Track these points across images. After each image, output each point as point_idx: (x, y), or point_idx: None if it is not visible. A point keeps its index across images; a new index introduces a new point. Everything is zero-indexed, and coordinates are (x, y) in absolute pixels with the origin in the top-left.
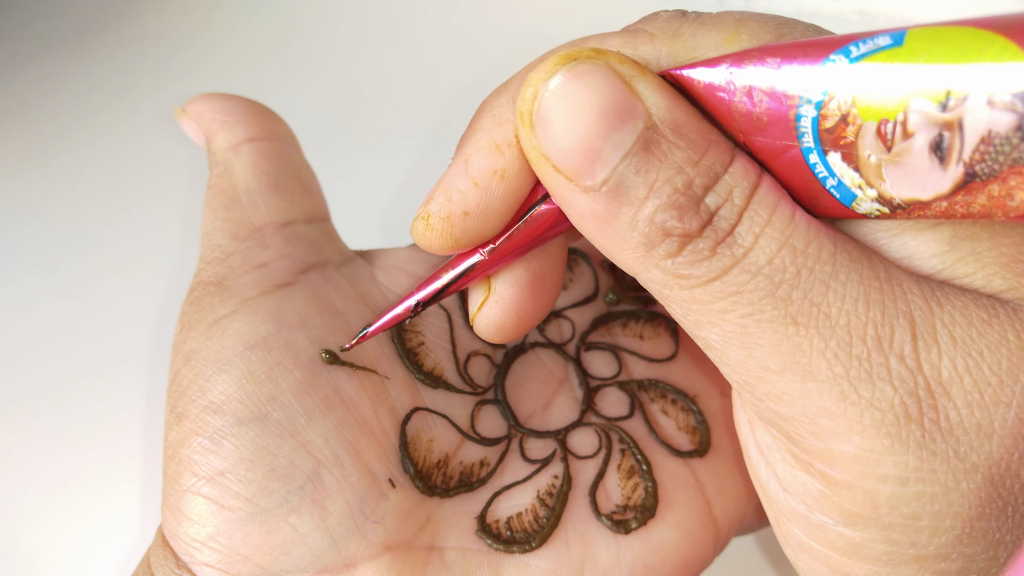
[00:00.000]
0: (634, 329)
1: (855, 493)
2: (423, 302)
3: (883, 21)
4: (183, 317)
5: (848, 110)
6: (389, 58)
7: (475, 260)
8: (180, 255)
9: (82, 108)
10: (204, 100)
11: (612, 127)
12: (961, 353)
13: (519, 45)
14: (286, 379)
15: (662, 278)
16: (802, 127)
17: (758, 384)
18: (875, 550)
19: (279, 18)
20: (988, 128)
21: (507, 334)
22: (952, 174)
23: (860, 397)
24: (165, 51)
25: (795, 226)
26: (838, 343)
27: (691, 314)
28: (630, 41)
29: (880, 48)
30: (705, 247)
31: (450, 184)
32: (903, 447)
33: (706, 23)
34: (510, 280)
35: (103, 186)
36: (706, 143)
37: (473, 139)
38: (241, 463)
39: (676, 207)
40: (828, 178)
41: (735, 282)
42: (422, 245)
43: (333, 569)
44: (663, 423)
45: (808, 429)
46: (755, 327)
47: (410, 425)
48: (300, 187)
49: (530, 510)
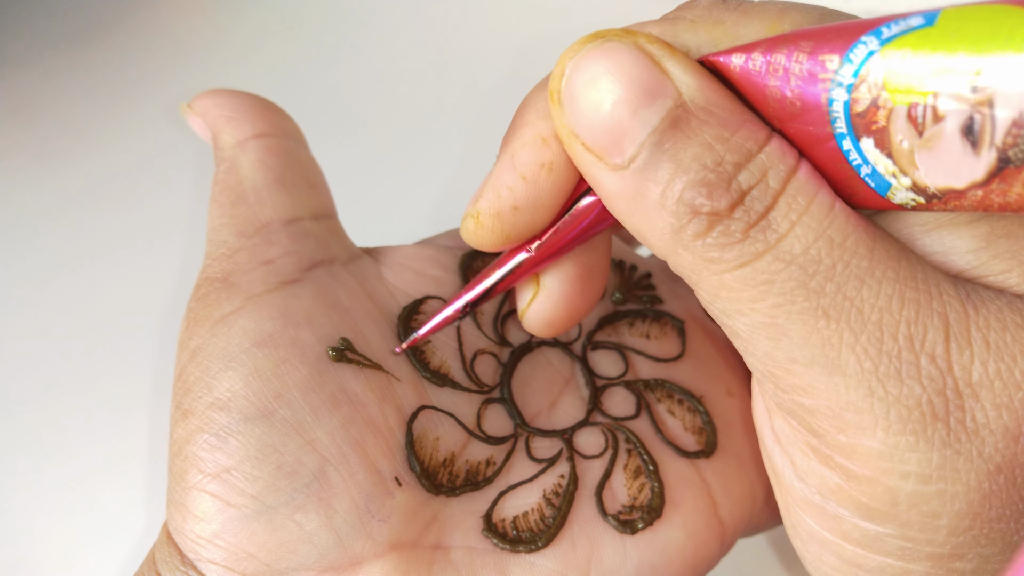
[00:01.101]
0: (641, 328)
1: (875, 488)
2: (472, 303)
3: None
4: (189, 313)
5: (878, 93)
6: (397, 55)
7: (522, 257)
8: (186, 251)
9: (89, 104)
10: (211, 96)
11: (640, 104)
12: (994, 357)
13: (529, 43)
14: (292, 376)
15: (691, 262)
16: (834, 112)
17: (784, 376)
18: (890, 544)
19: (286, 15)
20: (1020, 109)
21: (557, 328)
22: (985, 159)
23: (888, 393)
24: (172, 48)
25: (834, 217)
26: (868, 339)
27: (719, 301)
28: (670, 29)
29: (911, 28)
30: (737, 229)
31: (498, 180)
32: (928, 444)
33: (748, 11)
34: (558, 275)
35: (110, 182)
36: (739, 122)
37: (518, 134)
38: (247, 460)
39: (705, 184)
40: (863, 166)
41: (767, 270)
42: (473, 243)
43: (339, 567)
44: (669, 423)
45: (832, 423)
46: (785, 318)
47: (416, 423)
48: (307, 183)
49: (536, 509)
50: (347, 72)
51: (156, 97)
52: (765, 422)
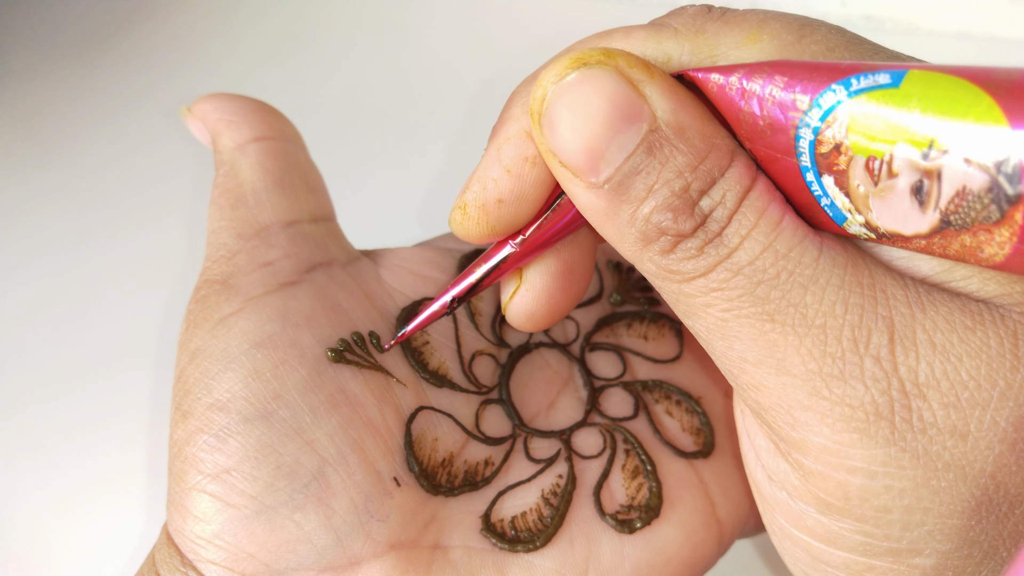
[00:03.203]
0: (638, 330)
1: (828, 483)
2: (458, 297)
3: (890, 27)
4: (189, 315)
5: (842, 140)
6: (394, 61)
7: (507, 252)
8: (186, 254)
9: (90, 109)
10: (210, 100)
11: (617, 129)
12: (940, 357)
13: (529, 48)
14: (292, 377)
15: (655, 271)
16: (800, 147)
17: (739, 374)
18: (851, 540)
19: (285, 21)
20: (963, 184)
21: (539, 322)
22: (930, 218)
23: (832, 393)
24: (172, 54)
25: (781, 231)
26: (813, 341)
27: (679, 304)
28: (655, 35)
29: (878, 86)
30: (694, 246)
31: (484, 173)
32: (872, 442)
33: (729, 21)
34: (541, 270)
35: (110, 186)
36: (708, 147)
37: (504, 128)
38: (246, 461)
39: (672, 209)
40: (822, 197)
41: (717, 279)
42: (460, 234)
43: (338, 567)
44: (667, 424)
45: (784, 419)
46: (735, 321)
47: (415, 424)
48: (305, 186)
49: (534, 509)
50: (345, 77)
51: (156, 102)
52: (741, 425)
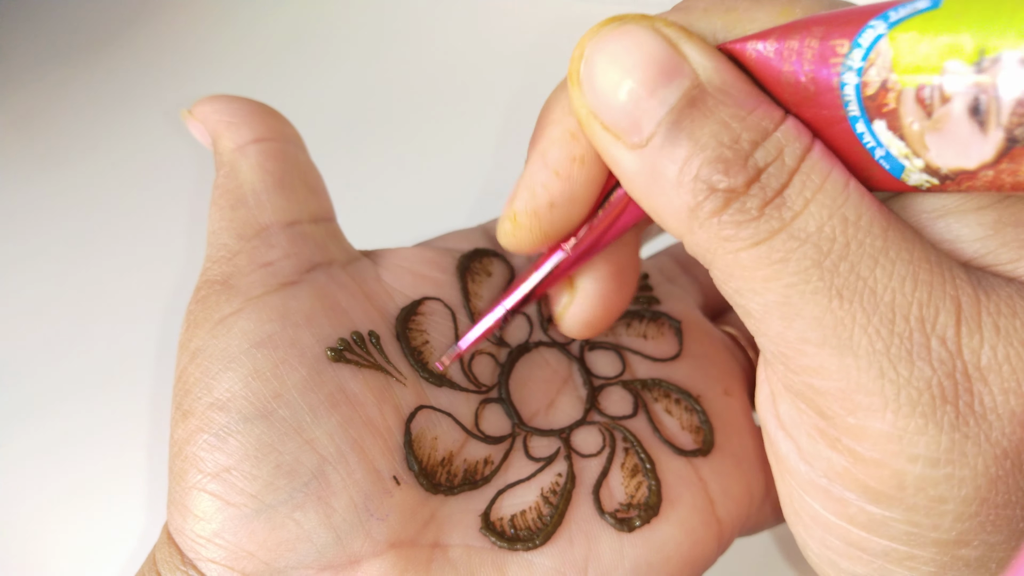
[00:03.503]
0: (638, 329)
1: (883, 472)
2: (512, 310)
3: None
4: (189, 316)
5: (888, 75)
6: (396, 61)
7: (559, 258)
8: (186, 255)
9: (91, 111)
10: (210, 102)
11: (657, 83)
12: (1003, 342)
13: (533, 54)
14: (292, 377)
15: (707, 240)
16: (847, 95)
17: (795, 356)
18: (896, 529)
19: (285, 23)
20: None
21: (596, 328)
22: (993, 139)
23: (899, 375)
24: (172, 55)
25: (848, 195)
26: (881, 319)
27: (733, 280)
28: (684, 17)
29: (918, 11)
30: (752, 206)
31: (532, 179)
32: (937, 428)
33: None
34: (592, 275)
35: (111, 187)
36: (755, 102)
37: (546, 132)
38: (246, 460)
39: (722, 161)
40: (876, 148)
41: (782, 248)
42: (512, 246)
43: (338, 566)
44: (667, 422)
45: (842, 404)
46: (799, 297)
47: (415, 423)
48: (306, 187)
49: (534, 508)
50: (346, 78)
51: (157, 104)
52: (769, 408)
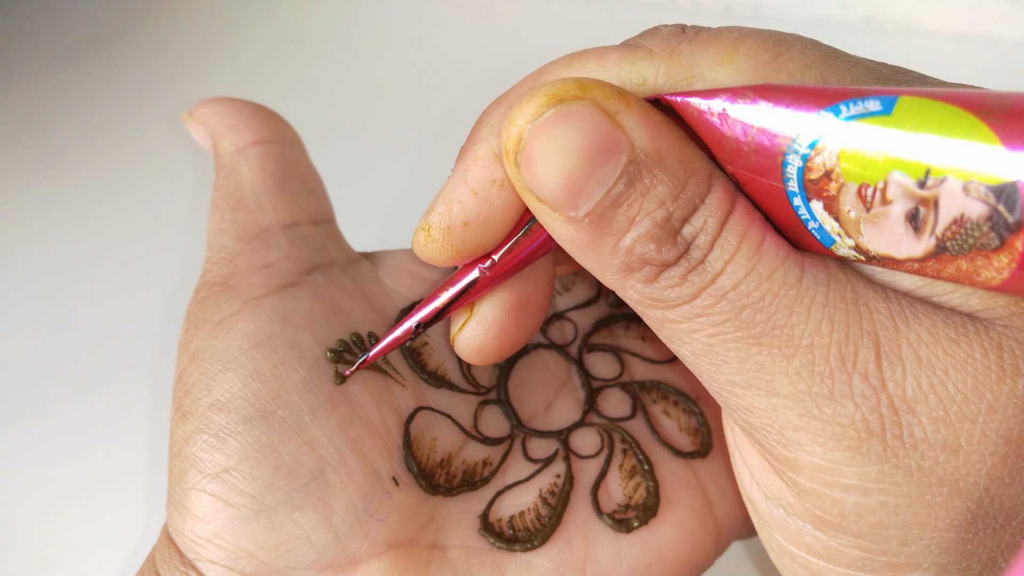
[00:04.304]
0: (636, 331)
1: (823, 501)
2: (423, 323)
3: (889, 28)
4: (189, 317)
5: (832, 167)
6: (395, 64)
7: (474, 276)
8: (187, 256)
9: (91, 113)
10: (211, 104)
11: (597, 164)
12: (926, 372)
13: (522, 53)
14: (291, 378)
15: (637, 299)
16: (788, 174)
17: (728, 396)
18: (849, 555)
19: (285, 25)
20: (961, 211)
21: (487, 356)
22: (925, 243)
23: (822, 412)
24: (173, 57)
25: (763, 253)
26: (801, 362)
27: (664, 330)
28: (629, 56)
29: (869, 113)
30: (677, 274)
31: (450, 194)
32: (864, 459)
33: (704, 41)
34: (493, 303)
35: (111, 189)
36: (687, 173)
37: (472, 149)
38: (246, 460)
39: (654, 239)
40: (810, 220)
41: (702, 305)
42: (423, 256)
43: (337, 566)
44: (665, 424)
45: (776, 439)
46: (721, 346)
47: (414, 424)
48: (305, 189)
49: (532, 509)
50: (345, 80)
51: (157, 106)
52: (733, 441)
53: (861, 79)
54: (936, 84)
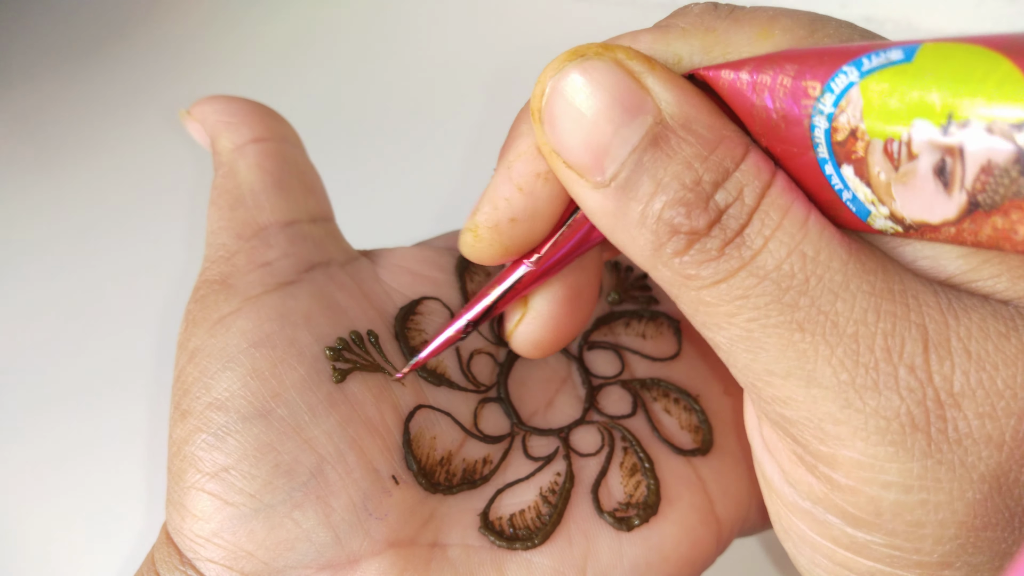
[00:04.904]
0: (637, 328)
1: (859, 498)
2: (474, 321)
3: (890, 27)
4: (188, 315)
5: (857, 124)
6: (394, 61)
7: (522, 271)
8: (185, 255)
9: (89, 112)
10: (209, 102)
11: (620, 122)
12: (975, 366)
13: (527, 53)
14: (290, 376)
15: (670, 277)
16: (816, 138)
17: (764, 387)
18: (879, 551)
19: (284, 24)
20: (988, 158)
21: (544, 349)
22: (956, 200)
23: (865, 404)
24: (171, 56)
25: (807, 231)
26: (845, 351)
27: (698, 315)
28: (662, 37)
29: (891, 63)
30: (713, 247)
31: (495, 192)
32: (907, 455)
33: (739, 19)
34: (547, 296)
35: (110, 187)
36: (718, 138)
37: (514, 145)
38: (245, 459)
39: (684, 203)
40: (843, 191)
41: (742, 285)
42: (473, 257)
43: (337, 565)
44: (666, 422)
45: (813, 433)
46: (760, 331)
47: (413, 422)
48: (304, 187)
49: (533, 507)
50: (344, 78)
51: (155, 104)
52: (755, 429)
53: None
54: None
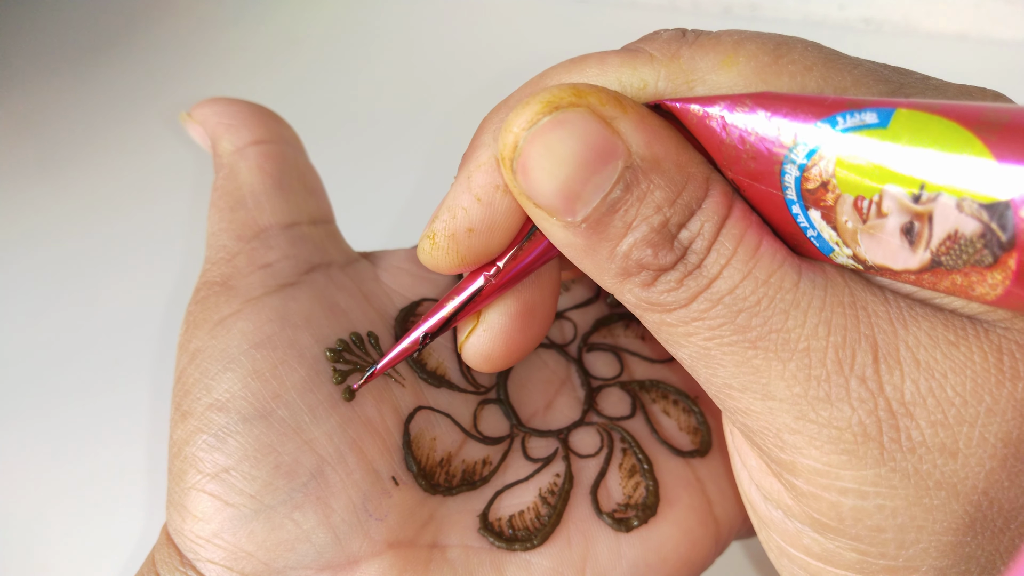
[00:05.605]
0: (635, 330)
1: (820, 504)
2: (430, 332)
3: (888, 29)
4: (189, 317)
5: (829, 178)
6: (394, 63)
7: (479, 285)
8: (186, 256)
9: (91, 114)
10: (210, 104)
11: (593, 170)
12: (924, 375)
13: (523, 55)
14: (290, 377)
15: (635, 303)
16: (786, 182)
17: (725, 399)
18: (847, 557)
19: (284, 26)
20: (955, 227)
21: (495, 363)
22: (920, 257)
23: (818, 416)
24: (172, 58)
25: (759, 257)
26: (797, 365)
27: (661, 333)
28: (630, 61)
29: (865, 126)
30: (673, 279)
31: (454, 201)
32: (861, 463)
33: (704, 45)
34: (500, 310)
35: (111, 189)
36: (684, 178)
37: (475, 155)
38: (245, 460)
39: (651, 244)
40: (808, 228)
41: (698, 309)
42: (429, 265)
43: (336, 566)
44: (664, 423)
45: (773, 442)
46: (717, 350)
47: (413, 424)
48: (304, 189)
49: (532, 508)
50: (344, 80)
51: (156, 107)
52: (732, 443)
53: (862, 81)
54: (939, 84)
